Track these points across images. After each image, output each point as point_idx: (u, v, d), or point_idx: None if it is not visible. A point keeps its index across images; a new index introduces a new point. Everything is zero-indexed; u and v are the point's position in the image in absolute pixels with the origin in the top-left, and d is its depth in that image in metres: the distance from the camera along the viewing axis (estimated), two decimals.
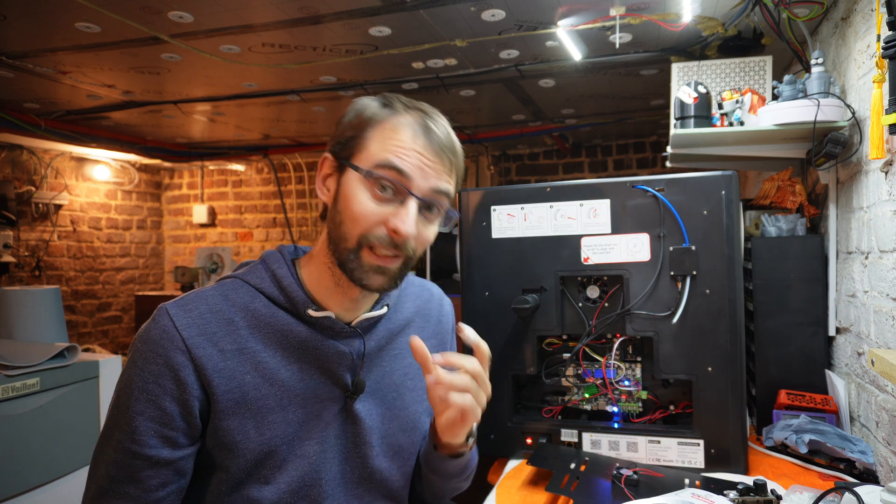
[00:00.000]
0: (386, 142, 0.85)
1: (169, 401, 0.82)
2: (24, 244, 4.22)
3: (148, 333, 0.84)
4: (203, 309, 0.86)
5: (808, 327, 1.51)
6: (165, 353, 0.82)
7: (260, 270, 0.92)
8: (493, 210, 1.39)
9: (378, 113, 0.87)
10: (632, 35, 2.25)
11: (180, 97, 3.18)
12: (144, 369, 0.82)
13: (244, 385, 0.85)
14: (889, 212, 1.19)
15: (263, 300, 0.89)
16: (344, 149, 0.87)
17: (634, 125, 3.99)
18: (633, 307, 1.29)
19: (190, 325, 0.84)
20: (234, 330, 0.86)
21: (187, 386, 0.83)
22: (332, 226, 0.88)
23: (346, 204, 0.85)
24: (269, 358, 0.87)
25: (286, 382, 0.88)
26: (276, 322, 0.88)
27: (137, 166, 5.14)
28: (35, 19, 2.08)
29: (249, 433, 0.86)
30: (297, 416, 0.88)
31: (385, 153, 0.84)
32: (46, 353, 1.76)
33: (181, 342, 0.83)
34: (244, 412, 0.85)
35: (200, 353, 0.83)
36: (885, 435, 1.21)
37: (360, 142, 0.86)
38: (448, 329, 1.13)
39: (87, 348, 2.62)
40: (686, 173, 1.27)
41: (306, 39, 2.29)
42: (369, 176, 0.84)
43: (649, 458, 1.29)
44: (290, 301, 0.89)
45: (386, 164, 0.84)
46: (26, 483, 1.67)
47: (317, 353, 0.89)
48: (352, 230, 0.85)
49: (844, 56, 1.50)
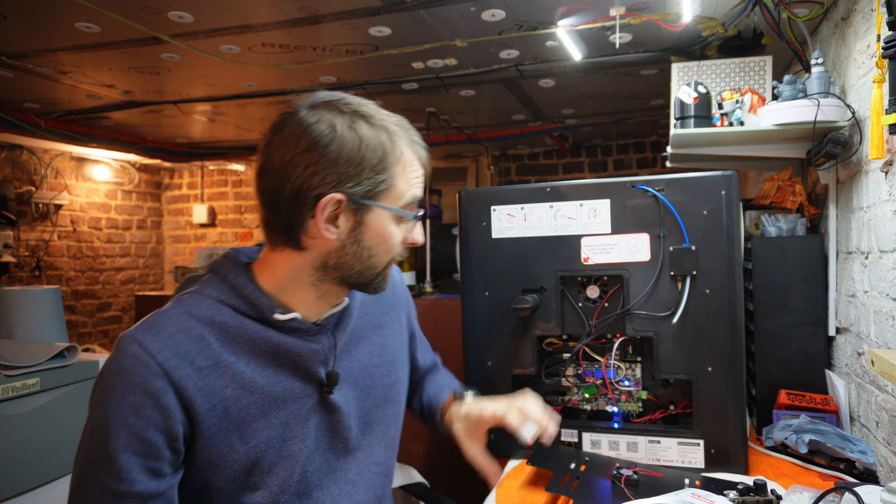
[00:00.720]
0: (408, 176, 0.90)
1: (153, 431, 0.79)
2: (24, 244, 4.21)
3: (118, 365, 0.80)
4: (171, 329, 0.83)
5: (808, 327, 1.51)
6: (143, 382, 0.78)
7: (217, 282, 0.89)
8: (493, 210, 1.39)
9: (389, 147, 0.87)
10: (632, 35, 2.25)
11: (180, 97, 3.18)
12: (122, 402, 0.78)
13: (225, 399, 0.84)
14: (889, 212, 1.19)
15: (228, 311, 0.87)
16: (368, 190, 0.86)
17: (634, 125, 3.99)
18: (633, 307, 1.29)
19: (163, 348, 0.80)
20: (206, 346, 0.84)
21: (170, 411, 0.80)
22: (348, 259, 0.89)
23: (378, 240, 0.89)
24: (244, 367, 0.86)
25: (264, 388, 0.87)
26: (245, 331, 0.87)
27: (137, 166, 5.14)
28: (35, 19, 2.08)
29: (235, 445, 0.85)
30: (279, 419, 0.89)
31: (412, 189, 0.91)
32: (46, 353, 1.76)
33: (158, 367, 0.79)
34: (228, 426, 0.84)
35: (179, 375, 0.80)
36: (885, 435, 1.21)
37: (387, 182, 0.87)
38: (401, 296, 1.17)
39: (87, 348, 2.62)
40: (686, 173, 1.27)
41: (306, 39, 2.29)
42: (408, 215, 0.91)
43: (649, 458, 1.29)
44: (255, 308, 0.87)
45: (414, 200, 0.91)
46: (26, 483, 1.67)
47: (290, 355, 0.89)
48: (384, 259, 0.91)
49: (844, 56, 1.50)
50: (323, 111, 0.85)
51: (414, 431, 2.46)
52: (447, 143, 4.35)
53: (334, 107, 0.85)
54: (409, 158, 0.90)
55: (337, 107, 0.86)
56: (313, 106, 0.85)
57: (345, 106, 0.86)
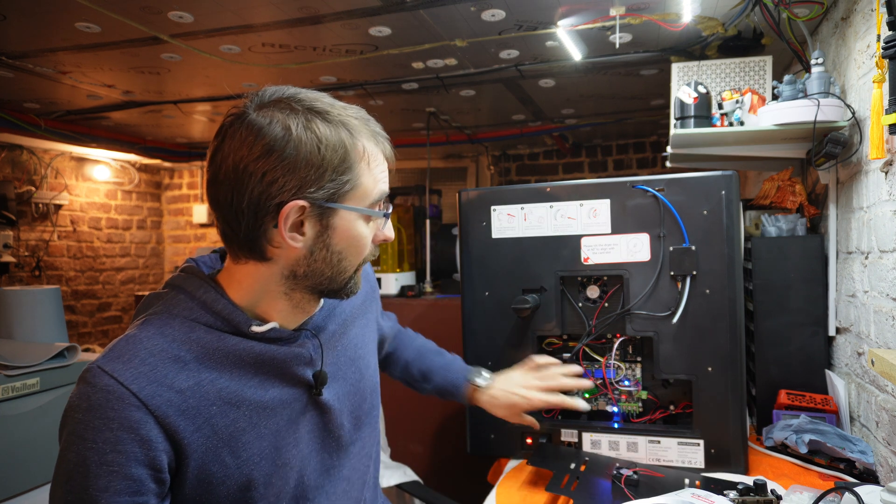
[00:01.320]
0: (374, 173, 0.85)
1: (135, 465, 0.73)
2: (24, 244, 4.21)
3: (88, 401, 0.73)
4: (143, 354, 0.76)
5: (808, 327, 1.51)
6: (118, 416, 0.72)
7: (184, 300, 0.83)
8: (493, 210, 1.39)
9: (352, 144, 0.82)
10: (632, 35, 2.25)
11: (180, 97, 3.17)
12: (97, 440, 0.72)
13: (211, 417, 0.79)
14: (889, 212, 1.19)
15: (202, 328, 0.81)
16: (332, 193, 0.80)
17: (634, 125, 3.99)
18: (633, 307, 1.29)
19: (137, 376, 0.74)
20: (184, 366, 0.78)
21: (152, 442, 0.74)
22: (318, 265, 0.84)
23: (347, 243, 0.84)
24: (227, 382, 0.81)
25: (251, 399, 0.83)
26: (224, 346, 0.82)
27: (137, 166, 5.14)
28: (35, 19, 2.08)
29: (226, 461, 0.81)
30: (270, 429, 0.85)
31: (378, 185, 0.86)
32: (46, 353, 1.76)
33: (133, 397, 0.73)
34: (217, 443, 0.80)
35: (158, 402, 0.75)
36: (885, 435, 1.21)
37: (352, 182, 0.82)
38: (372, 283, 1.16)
39: (87, 348, 2.62)
40: (686, 173, 1.27)
41: (306, 39, 2.29)
42: (377, 213, 0.86)
43: (649, 458, 1.29)
44: (230, 324, 0.82)
45: (382, 196, 0.87)
46: (26, 483, 1.67)
47: (274, 362, 0.85)
48: (355, 262, 0.87)
49: (844, 56, 1.50)
50: (274, 111, 0.78)
51: (414, 431, 2.47)
52: (447, 143, 4.35)
53: (286, 105, 0.79)
54: (372, 153, 0.84)
55: (289, 105, 0.79)
56: (262, 105, 0.79)
57: (297, 103, 0.79)
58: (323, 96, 0.83)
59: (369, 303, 1.11)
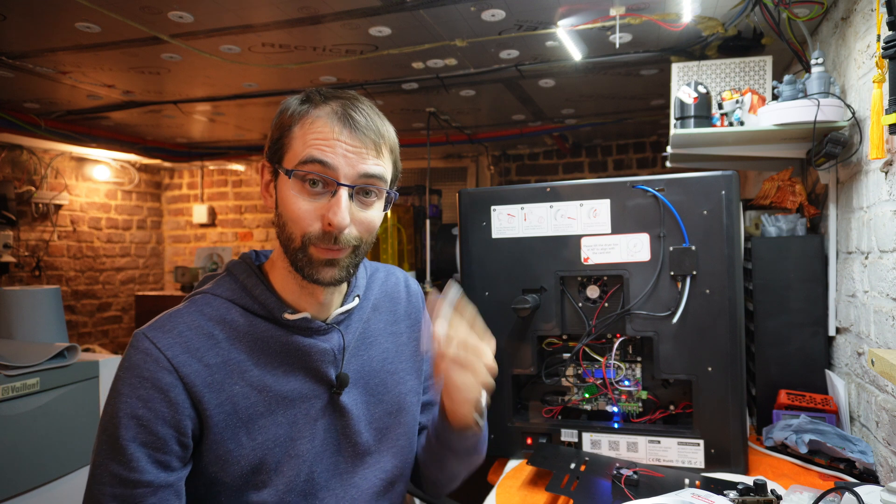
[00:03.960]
0: (306, 137, 0.85)
1: (161, 425, 0.81)
2: (24, 244, 4.21)
3: (129, 360, 0.82)
4: (182, 327, 0.85)
5: (808, 327, 1.51)
6: (152, 376, 0.81)
7: (228, 282, 0.91)
8: (493, 210, 1.39)
9: (297, 110, 0.87)
10: (632, 35, 2.25)
11: (180, 97, 3.18)
12: (132, 395, 0.81)
13: (234, 396, 0.85)
14: (889, 212, 1.19)
15: (238, 310, 0.89)
16: (274, 153, 0.88)
17: (634, 125, 3.99)
18: (633, 307, 1.29)
19: (172, 344, 0.83)
20: (215, 343, 0.86)
21: (179, 406, 0.82)
22: (278, 230, 0.89)
23: (284, 206, 0.86)
24: (253, 366, 0.87)
25: (272, 387, 0.88)
26: (255, 330, 0.88)
27: (137, 166, 5.14)
28: (35, 19, 2.08)
29: (242, 441, 0.86)
30: (287, 418, 0.89)
31: (306, 149, 0.84)
32: (46, 353, 1.76)
33: (167, 362, 0.82)
34: (236, 422, 0.86)
35: (188, 371, 0.82)
36: (885, 435, 1.21)
37: (285, 142, 0.86)
38: (420, 306, 1.13)
39: (87, 348, 2.62)
40: (686, 173, 1.27)
41: (306, 39, 2.29)
42: (295, 175, 0.85)
43: (649, 458, 1.29)
44: (265, 308, 0.89)
45: (309, 159, 0.84)
46: (26, 483, 1.67)
47: (299, 354, 0.90)
48: (294, 231, 0.86)
49: (844, 56, 1.50)
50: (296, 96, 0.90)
51: None
52: (447, 143, 4.35)
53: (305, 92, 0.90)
54: (315, 121, 0.85)
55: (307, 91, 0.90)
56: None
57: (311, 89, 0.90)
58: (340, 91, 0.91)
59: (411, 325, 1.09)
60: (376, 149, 0.88)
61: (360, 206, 0.88)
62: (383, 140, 0.89)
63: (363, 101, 0.90)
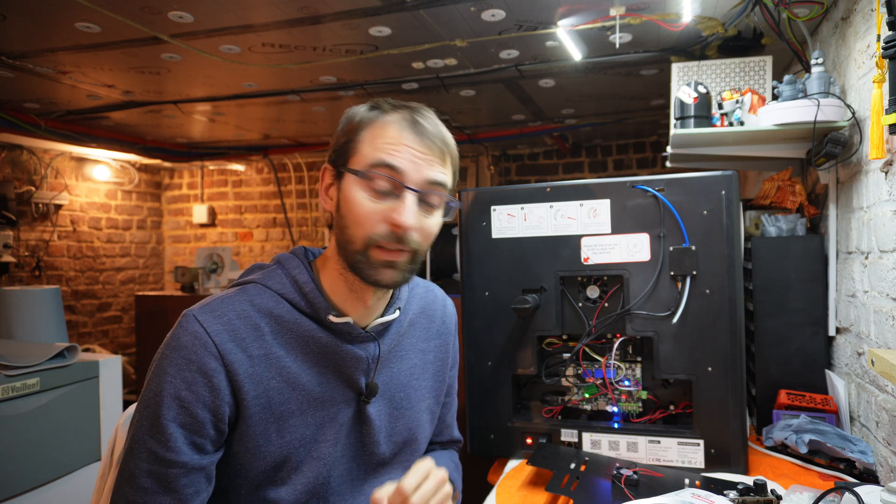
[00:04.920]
0: (376, 141, 0.87)
1: (201, 408, 0.82)
2: (24, 244, 4.21)
3: (178, 340, 0.84)
4: (231, 315, 0.86)
5: (808, 327, 1.51)
6: (199, 360, 0.82)
7: (280, 276, 0.92)
8: (493, 210, 1.39)
9: (366, 116, 0.89)
10: (632, 35, 2.25)
11: (180, 97, 3.17)
12: (177, 377, 0.82)
13: (270, 390, 0.87)
14: (889, 212, 1.19)
15: (287, 306, 0.90)
16: (340, 156, 0.90)
17: (634, 125, 3.99)
18: (633, 307, 1.29)
19: (221, 330, 0.84)
20: (260, 336, 0.87)
21: (220, 392, 0.83)
22: (338, 232, 0.90)
23: (348, 208, 0.88)
24: (291, 363, 0.89)
25: (306, 387, 0.89)
26: (299, 328, 0.89)
27: (137, 166, 5.14)
28: (35, 19, 2.08)
29: (272, 437, 0.87)
30: (315, 420, 0.91)
31: (377, 152, 0.86)
32: (46, 353, 1.76)
33: (214, 347, 0.83)
34: (268, 417, 0.87)
35: (232, 359, 0.84)
36: (885, 435, 1.21)
37: (353, 146, 0.89)
38: (451, 330, 1.15)
39: (87, 348, 2.62)
40: (686, 173, 1.27)
41: (306, 39, 2.29)
42: (365, 176, 0.86)
43: (649, 458, 1.29)
44: (312, 307, 0.90)
45: (379, 163, 0.86)
46: (26, 483, 1.67)
47: (335, 358, 0.91)
48: (357, 232, 0.87)
49: (844, 56, 1.50)
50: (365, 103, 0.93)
51: None
52: None
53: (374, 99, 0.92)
54: (385, 127, 0.88)
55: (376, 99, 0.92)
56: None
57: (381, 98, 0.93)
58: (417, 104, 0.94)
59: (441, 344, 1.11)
60: (442, 157, 0.90)
61: (423, 212, 0.89)
62: (448, 149, 0.92)
63: (430, 111, 0.93)
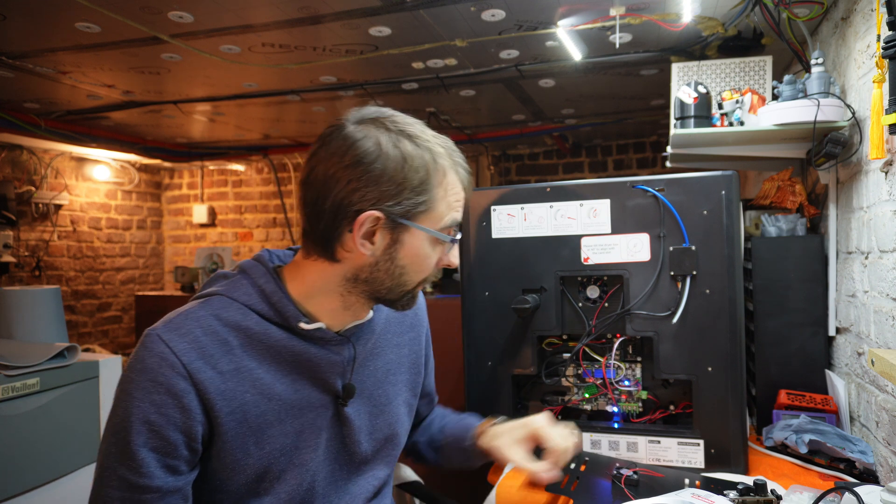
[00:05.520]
0: (449, 199, 0.90)
1: (173, 430, 0.80)
2: (24, 244, 4.21)
3: (143, 362, 0.81)
4: (198, 332, 0.84)
5: (808, 327, 1.51)
6: (167, 381, 0.80)
7: (246, 286, 0.90)
8: (493, 210, 1.39)
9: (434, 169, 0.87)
10: (632, 35, 2.25)
11: (180, 97, 3.18)
12: (145, 400, 0.80)
13: (245, 404, 0.85)
14: (889, 212, 1.19)
15: (255, 317, 0.88)
16: (407, 210, 0.86)
17: (634, 125, 3.99)
18: (633, 307, 1.29)
19: (188, 349, 0.82)
20: (229, 350, 0.85)
21: (191, 412, 0.81)
22: (380, 275, 0.89)
23: (412, 260, 0.89)
24: (264, 374, 0.87)
25: (282, 396, 0.88)
26: (269, 338, 0.88)
27: (137, 166, 5.14)
28: (35, 19, 2.08)
29: (250, 450, 0.86)
30: (294, 427, 0.90)
31: (451, 212, 0.90)
32: (46, 353, 1.76)
33: (182, 367, 0.81)
34: (245, 431, 0.86)
35: (202, 378, 0.82)
36: (885, 435, 1.21)
37: (427, 204, 0.87)
38: (423, 319, 1.16)
39: (87, 348, 2.62)
40: (686, 173, 1.27)
41: (306, 39, 2.29)
42: (446, 238, 0.90)
43: (649, 458, 1.29)
44: (282, 316, 0.88)
45: (453, 223, 0.91)
46: (26, 483, 1.67)
47: (309, 364, 0.90)
48: (416, 279, 0.92)
49: (844, 56, 1.50)
50: (370, 127, 0.86)
51: None
52: None
53: (381, 124, 0.86)
54: (451, 181, 0.90)
55: (384, 124, 0.86)
56: (361, 121, 0.87)
57: (392, 124, 0.87)
58: (416, 122, 0.90)
59: (415, 335, 1.12)
60: None
61: None
62: None
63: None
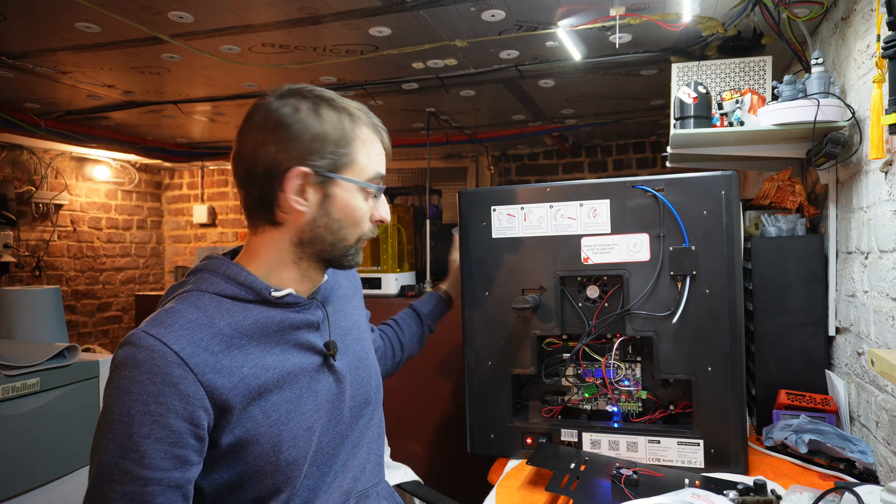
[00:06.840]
0: (370, 154, 0.97)
1: (175, 418, 0.80)
2: (24, 244, 4.21)
3: (133, 359, 0.81)
4: (182, 321, 0.86)
5: (808, 327, 1.51)
6: (162, 371, 0.80)
7: (210, 278, 0.93)
8: (493, 210, 1.39)
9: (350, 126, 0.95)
10: (632, 35, 2.24)
11: (180, 97, 3.17)
12: (142, 392, 0.80)
13: (245, 377, 0.87)
14: (889, 212, 1.19)
15: (229, 302, 0.91)
16: (331, 163, 0.93)
17: (634, 125, 3.99)
18: (632, 307, 1.29)
19: (177, 338, 0.83)
20: (217, 332, 0.87)
21: (191, 397, 0.81)
22: (320, 231, 0.95)
23: (345, 212, 0.96)
24: (254, 349, 0.90)
25: (274, 365, 0.91)
26: (249, 315, 0.91)
27: (137, 166, 5.14)
28: (35, 19, 2.08)
29: (258, 420, 0.88)
30: (294, 393, 0.93)
31: (374, 166, 0.98)
32: (46, 353, 1.76)
33: (174, 355, 0.82)
34: (250, 402, 0.88)
35: (197, 361, 0.83)
36: (885, 435, 1.21)
37: (348, 158, 0.95)
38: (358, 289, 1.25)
39: (87, 348, 2.62)
40: (686, 173, 1.27)
41: (306, 39, 2.29)
42: (369, 187, 0.97)
43: (649, 458, 1.29)
44: (253, 291, 0.92)
45: (377, 176, 0.99)
46: (26, 483, 1.67)
47: (290, 331, 0.94)
48: (353, 232, 0.98)
49: (844, 56, 1.50)
50: (289, 98, 0.94)
51: (414, 431, 2.47)
52: (447, 143, 4.34)
53: (298, 93, 0.95)
54: (369, 136, 0.98)
55: (301, 93, 0.95)
56: (281, 95, 0.94)
57: (308, 92, 0.95)
58: (332, 92, 0.98)
59: (355, 292, 1.21)
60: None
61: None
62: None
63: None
